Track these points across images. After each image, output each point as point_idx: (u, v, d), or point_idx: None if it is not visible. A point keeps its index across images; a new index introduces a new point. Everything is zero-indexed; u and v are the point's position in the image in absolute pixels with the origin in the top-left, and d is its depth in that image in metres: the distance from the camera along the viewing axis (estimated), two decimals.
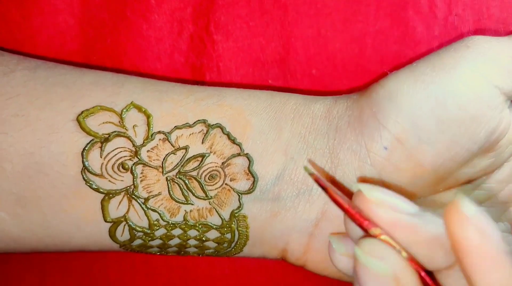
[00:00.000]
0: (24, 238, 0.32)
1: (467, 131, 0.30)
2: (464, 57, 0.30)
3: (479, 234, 0.22)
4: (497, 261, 0.21)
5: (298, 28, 0.36)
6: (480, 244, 0.21)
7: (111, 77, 0.33)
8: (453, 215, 0.22)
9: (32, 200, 0.31)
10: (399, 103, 0.30)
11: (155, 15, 0.36)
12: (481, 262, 0.21)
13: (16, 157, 0.30)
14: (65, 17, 0.36)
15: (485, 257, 0.21)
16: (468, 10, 0.36)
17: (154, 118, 0.31)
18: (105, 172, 0.31)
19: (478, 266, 0.22)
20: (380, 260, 0.24)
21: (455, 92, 0.29)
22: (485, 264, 0.21)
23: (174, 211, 0.32)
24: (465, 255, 0.22)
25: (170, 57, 0.37)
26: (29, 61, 0.33)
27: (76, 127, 0.31)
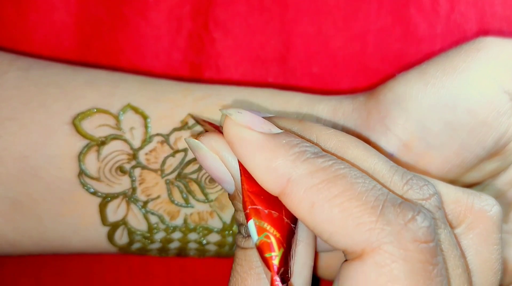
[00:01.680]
0: (20, 241, 0.31)
1: (476, 137, 0.29)
2: (474, 60, 0.29)
3: (240, 128, 0.24)
4: (259, 144, 0.23)
5: (298, 26, 0.35)
6: (243, 134, 0.24)
7: (106, 77, 0.32)
8: (224, 124, 0.24)
9: (27, 204, 0.30)
10: (408, 108, 0.29)
11: (153, 12, 0.35)
12: (245, 148, 0.23)
13: (11, 161, 0.29)
14: (62, 14, 0.35)
15: (248, 143, 0.23)
16: (471, 8, 0.35)
17: (151, 120, 0.30)
18: (103, 176, 0.30)
19: (244, 153, 0.23)
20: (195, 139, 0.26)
21: (465, 97, 0.28)
22: (248, 149, 0.23)
23: (174, 214, 0.31)
24: (234, 148, 0.24)
25: (168, 55, 0.36)
26: (22, 61, 0.32)
27: (71, 130, 0.30)
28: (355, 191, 0.22)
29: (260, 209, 0.23)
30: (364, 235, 0.21)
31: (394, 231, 0.21)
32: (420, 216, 0.22)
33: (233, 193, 0.26)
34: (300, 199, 0.22)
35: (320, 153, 0.23)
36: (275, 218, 0.23)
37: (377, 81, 0.35)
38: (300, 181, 0.22)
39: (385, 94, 0.30)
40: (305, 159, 0.23)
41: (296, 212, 0.22)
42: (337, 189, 0.22)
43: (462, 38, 0.35)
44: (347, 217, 0.21)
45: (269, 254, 0.22)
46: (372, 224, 0.21)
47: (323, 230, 0.22)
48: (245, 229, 0.25)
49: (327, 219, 0.22)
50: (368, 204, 0.21)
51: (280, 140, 0.23)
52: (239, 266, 0.25)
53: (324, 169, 0.22)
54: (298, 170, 0.22)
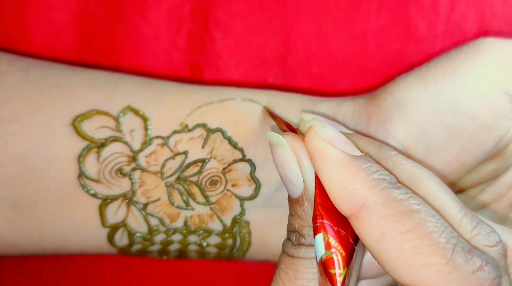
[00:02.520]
0: (20, 242, 0.31)
1: (476, 140, 0.29)
2: (475, 63, 0.28)
3: (325, 142, 0.24)
4: (340, 163, 0.23)
5: (298, 26, 0.35)
6: (326, 150, 0.23)
7: (106, 78, 0.31)
8: (308, 134, 0.24)
9: (27, 205, 0.30)
10: (408, 112, 0.28)
11: (153, 12, 0.35)
12: (326, 164, 0.23)
13: (11, 162, 0.29)
14: (62, 14, 0.35)
15: (330, 160, 0.23)
16: (471, 8, 0.35)
17: (151, 122, 0.30)
18: (102, 178, 0.30)
19: (324, 168, 0.23)
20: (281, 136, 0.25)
21: (466, 100, 0.28)
22: (329, 166, 0.23)
23: (174, 216, 0.31)
24: (315, 160, 0.24)
25: (168, 55, 0.35)
26: (22, 62, 0.32)
27: (71, 132, 0.29)
28: (428, 229, 0.21)
29: (329, 225, 0.23)
30: (431, 276, 0.21)
31: (462, 277, 0.21)
32: (488, 267, 0.21)
33: (296, 197, 0.25)
34: (372, 226, 0.22)
35: (397, 184, 0.23)
36: (343, 237, 0.23)
37: (377, 81, 0.35)
38: (375, 209, 0.22)
39: (385, 98, 0.29)
40: (383, 188, 0.22)
41: (365, 238, 0.22)
42: (411, 224, 0.21)
43: (462, 38, 0.35)
44: (417, 254, 0.21)
45: (334, 270, 0.22)
46: (441, 267, 0.21)
47: (390, 261, 0.21)
48: (296, 236, 0.25)
49: (396, 251, 0.21)
50: (439, 245, 0.21)
51: (361, 163, 0.23)
52: (284, 273, 0.25)
53: (400, 201, 0.22)
54: (375, 197, 0.22)
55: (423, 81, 0.29)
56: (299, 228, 0.25)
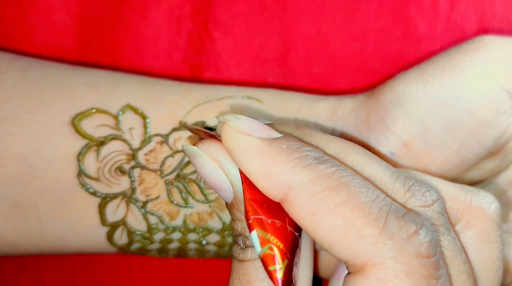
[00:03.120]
0: (20, 242, 0.31)
1: (475, 136, 0.28)
2: (474, 59, 0.28)
3: (239, 134, 0.23)
4: (259, 150, 0.22)
5: (298, 26, 0.35)
6: (242, 141, 0.23)
7: (105, 77, 0.31)
8: (222, 131, 0.23)
9: (27, 204, 0.30)
10: (407, 107, 0.28)
11: (153, 12, 0.34)
12: (245, 155, 0.23)
13: (10, 162, 0.29)
14: (62, 14, 0.35)
15: (248, 150, 0.22)
16: (471, 8, 0.35)
17: (150, 120, 0.30)
18: (102, 176, 0.29)
19: (244, 160, 0.23)
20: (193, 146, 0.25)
21: (465, 96, 0.28)
22: (249, 156, 0.22)
23: (173, 214, 0.31)
24: (234, 156, 0.23)
25: (168, 55, 0.35)
26: (22, 61, 0.32)
27: (71, 131, 0.29)
28: (358, 200, 0.21)
29: (263, 219, 0.23)
30: (366, 248, 0.21)
31: (397, 245, 0.20)
32: (423, 230, 0.21)
33: (231, 202, 0.25)
34: (302, 206, 0.21)
35: (322, 158, 0.22)
36: (278, 228, 0.23)
37: (377, 81, 0.35)
38: (302, 188, 0.22)
39: (384, 94, 0.29)
40: (306, 165, 0.22)
41: (298, 220, 0.22)
42: (340, 198, 0.21)
43: (462, 38, 0.34)
44: (349, 228, 0.21)
45: (273, 267, 0.22)
46: (374, 238, 0.21)
47: (324, 239, 0.21)
48: (243, 239, 0.24)
49: (329, 228, 0.21)
50: (371, 215, 0.21)
51: (280, 144, 0.23)
52: (237, 280, 0.24)
53: (326, 176, 0.22)
54: (300, 176, 0.22)
55: (423, 77, 0.29)
56: (242, 230, 0.24)
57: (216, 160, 0.24)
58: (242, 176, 0.23)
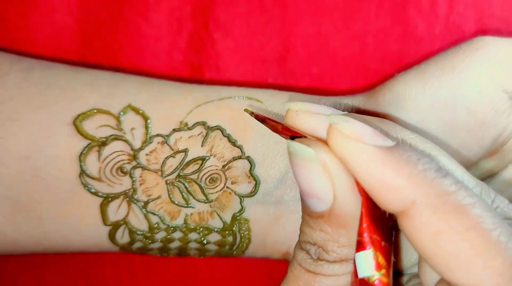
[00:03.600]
0: (22, 241, 0.31)
1: (474, 136, 0.28)
2: (473, 60, 0.28)
3: (353, 142, 0.21)
4: (378, 161, 0.21)
5: (298, 26, 0.35)
6: (358, 150, 0.21)
7: (106, 77, 0.31)
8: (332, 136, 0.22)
9: (28, 204, 0.30)
10: (407, 108, 0.28)
11: (153, 13, 0.34)
12: (363, 166, 0.21)
13: (12, 161, 0.29)
14: (63, 15, 0.35)
15: (365, 160, 0.21)
16: (470, 9, 0.35)
17: (152, 121, 0.30)
18: (104, 176, 0.30)
19: (361, 171, 0.21)
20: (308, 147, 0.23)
21: (464, 96, 0.28)
22: (367, 166, 0.21)
23: (174, 214, 0.31)
24: (349, 165, 0.21)
25: (169, 55, 0.35)
26: (23, 62, 0.32)
27: (72, 131, 0.29)
28: (486, 226, 0.20)
29: (377, 240, 0.21)
30: (493, 279, 0.19)
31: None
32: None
33: (320, 212, 0.23)
34: (425, 224, 0.20)
35: (442, 171, 0.21)
36: (385, 250, 0.21)
37: (376, 81, 0.35)
38: (427, 205, 0.20)
39: (384, 94, 0.29)
40: (432, 180, 0.20)
41: (415, 238, 0.20)
42: (468, 222, 0.20)
43: (461, 38, 0.34)
44: (477, 256, 0.19)
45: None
46: (504, 270, 0.19)
47: (445, 263, 0.20)
48: (317, 251, 0.23)
49: (453, 253, 0.20)
50: (500, 245, 0.19)
51: (400, 155, 0.21)
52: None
53: (451, 194, 0.20)
54: (424, 192, 0.20)
55: (422, 77, 0.29)
56: (322, 242, 0.23)
57: (325, 168, 0.22)
58: (359, 188, 0.22)
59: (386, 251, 0.21)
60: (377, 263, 0.21)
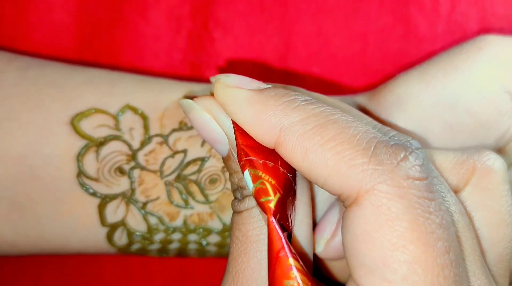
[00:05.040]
0: (19, 242, 0.30)
1: (476, 137, 0.28)
2: (476, 60, 0.28)
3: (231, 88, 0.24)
4: (249, 100, 0.23)
5: (298, 25, 0.35)
6: (233, 94, 0.24)
7: (105, 76, 0.31)
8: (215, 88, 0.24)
9: (26, 204, 0.29)
10: (408, 109, 0.28)
11: (152, 12, 0.34)
12: (237, 107, 0.23)
13: (9, 161, 0.29)
14: (61, 14, 0.34)
15: (239, 101, 0.23)
16: (472, 8, 0.34)
17: (150, 120, 0.29)
18: (102, 176, 0.29)
19: (236, 111, 0.23)
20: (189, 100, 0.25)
21: (466, 97, 0.28)
22: (240, 107, 0.23)
23: (173, 215, 0.30)
24: (227, 108, 0.24)
25: (168, 54, 0.35)
26: (20, 60, 0.31)
27: (70, 130, 0.29)
28: (347, 134, 0.21)
29: (254, 160, 0.23)
30: (357, 177, 0.21)
31: (387, 170, 0.20)
32: (413, 155, 0.21)
33: (227, 154, 0.25)
34: (294, 146, 0.22)
35: (310, 100, 0.23)
36: (270, 168, 0.23)
37: (377, 80, 0.35)
38: (292, 129, 0.22)
39: (385, 95, 0.29)
40: (295, 107, 0.22)
41: (291, 161, 0.22)
42: (329, 134, 0.21)
43: (463, 37, 0.34)
44: (339, 160, 0.21)
45: (264, 198, 0.22)
46: (364, 166, 0.21)
47: (318, 175, 0.21)
48: (240, 191, 0.25)
49: (321, 163, 0.21)
50: (359, 146, 0.21)
51: (270, 92, 0.23)
52: (237, 230, 0.24)
53: (315, 115, 0.22)
54: (289, 118, 0.22)
55: (424, 78, 0.28)
56: (238, 181, 0.25)
57: (211, 113, 0.25)
58: (234, 125, 0.24)
59: (267, 167, 0.23)
60: (253, 176, 0.23)
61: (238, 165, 0.24)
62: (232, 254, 0.24)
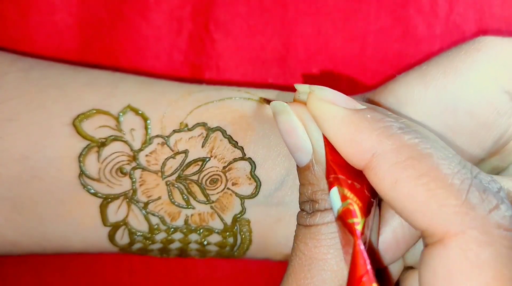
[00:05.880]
0: (21, 242, 0.30)
1: (476, 138, 0.28)
2: (475, 61, 0.28)
3: (326, 103, 0.24)
4: (344, 119, 0.23)
5: (298, 27, 0.34)
6: (328, 109, 0.24)
7: (106, 77, 0.31)
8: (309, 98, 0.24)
9: (28, 205, 0.29)
10: (408, 110, 0.28)
11: (153, 13, 0.34)
12: (331, 122, 0.23)
13: (11, 162, 0.29)
14: (63, 15, 0.34)
15: (333, 118, 0.23)
16: (470, 9, 0.34)
17: (151, 121, 0.29)
18: (103, 177, 0.29)
19: (329, 127, 0.23)
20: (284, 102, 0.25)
21: (466, 98, 0.27)
22: (334, 123, 0.23)
23: (174, 215, 0.30)
24: (320, 121, 0.24)
25: (169, 56, 0.35)
26: (23, 62, 0.31)
27: (71, 131, 0.29)
28: (441, 171, 0.21)
29: (343, 179, 0.23)
30: (447, 217, 0.20)
31: (479, 216, 0.20)
32: (504, 204, 0.21)
33: (306, 164, 0.25)
34: (384, 174, 0.22)
35: (406, 128, 0.22)
36: (358, 189, 0.23)
37: (376, 81, 0.35)
38: (386, 156, 0.22)
39: (385, 96, 0.29)
40: (391, 134, 0.22)
41: (379, 187, 0.22)
42: (423, 168, 0.21)
43: (461, 39, 0.34)
44: (431, 197, 0.21)
45: (352, 220, 0.22)
46: (457, 208, 0.20)
47: (404, 207, 0.21)
48: (311, 204, 0.24)
49: (410, 197, 0.21)
50: (453, 186, 0.21)
51: (365, 114, 0.23)
52: (303, 244, 0.24)
53: (410, 146, 0.22)
54: (384, 145, 0.22)
55: (424, 79, 0.28)
56: (312, 194, 0.25)
57: (302, 120, 0.25)
58: (325, 141, 0.24)
59: (355, 188, 0.23)
60: (342, 195, 0.23)
61: (315, 178, 0.24)
62: (294, 267, 0.24)
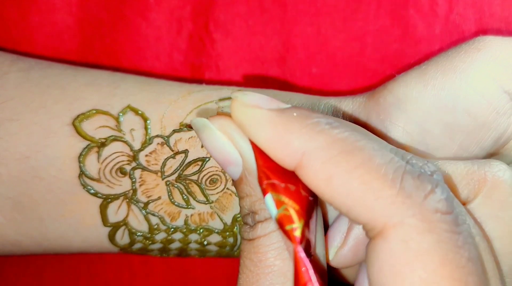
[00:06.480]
0: (22, 242, 0.30)
1: (475, 138, 0.28)
2: (474, 61, 0.28)
3: (249, 108, 0.23)
4: (269, 121, 0.22)
5: (298, 27, 0.34)
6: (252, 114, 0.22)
7: (106, 77, 0.31)
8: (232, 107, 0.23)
9: (29, 204, 0.29)
10: (407, 110, 0.28)
11: (154, 13, 0.34)
12: (257, 127, 0.22)
13: (12, 162, 0.29)
14: (63, 15, 0.34)
15: (259, 122, 0.22)
16: (469, 9, 0.34)
17: (151, 121, 0.29)
18: (103, 177, 0.29)
19: (255, 132, 0.22)
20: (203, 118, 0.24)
21: (465, 98, 0.27)
22: (260, 127, 0.22)
23: (174, 215, 0.30)
24: (246, 128, 0.23)
25: (169, 56, 0.35)
26: (23, 62, 0.31)
27: (72, 132, 0.29)
28: (374, 163, 0.21)
29: (276, 183, 0.22)
30: (385, 209, 0.20)
31: (415, 204, 0.20)
32: (439, 188, 0.21)
33: (239, 176, 0.24)
34: (317, 171, 0.21)
35: (334, 123, 0.22)
36: (293, 192, 0.22)
37: (376, 81, 0.35)
38: (317, 154, 0.21)
39: (385, 96, 0.29)
40: (320, 130, 0.21)
41: (313, 185, 0.21)
42: (356, 161, 0.20)
43: (461, 38, 0.34)
44: (367, 190, 0.20)
45: (289, 226, 0.21)
46: (393, 198, 0.20)
47: (342, 203, 0.21)
48: (252, 216, 0.24)
49: (346, 192, 0.20)
50: (387, 176, 0.20)
51: (291, 113, 0.22)
52: (248, 260, 0.23)
53: (341, 140, 0.21)
54: (313, 142, 0.21)
55: (423, 79, 0.28)
56: (251, 206, 0.24)
57: (226, 133, 0.24)
58: (254, 147, 0.23)
59: (289, 191, 0.22)
60: (277, 201, 0.22)
61: (251, 188, 0.24)
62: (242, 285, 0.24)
